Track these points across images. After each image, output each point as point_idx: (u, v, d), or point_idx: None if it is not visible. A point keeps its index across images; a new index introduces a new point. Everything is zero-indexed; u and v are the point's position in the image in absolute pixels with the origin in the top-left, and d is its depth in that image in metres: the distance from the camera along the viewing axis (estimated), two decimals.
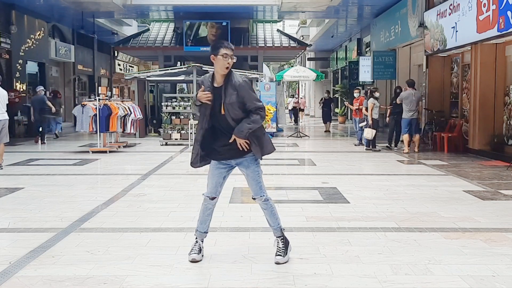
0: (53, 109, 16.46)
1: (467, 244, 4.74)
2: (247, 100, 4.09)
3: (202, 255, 4.31)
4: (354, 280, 3.82)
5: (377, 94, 13.21)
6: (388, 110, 13.89)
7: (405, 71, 18.22)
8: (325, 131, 20.06)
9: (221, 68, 4.07)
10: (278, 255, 4.24)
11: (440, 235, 5.05)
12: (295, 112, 24.30)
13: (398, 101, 12.50)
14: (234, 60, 4.12)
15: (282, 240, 4.31)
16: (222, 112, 4.09)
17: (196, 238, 4.36)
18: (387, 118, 13.40)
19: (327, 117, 20.70)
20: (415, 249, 4.59)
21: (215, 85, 4.14)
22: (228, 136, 4.12)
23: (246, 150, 4.13)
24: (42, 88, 16.76)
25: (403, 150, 12.48)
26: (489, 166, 10.18)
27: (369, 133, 12.86)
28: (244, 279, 3.86)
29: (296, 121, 23.76)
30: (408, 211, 6.10)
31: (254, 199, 4.32)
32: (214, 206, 4.39)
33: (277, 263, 4.18)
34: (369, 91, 13.95)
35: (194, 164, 4.34)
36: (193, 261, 4.21)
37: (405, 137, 12.44)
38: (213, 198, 4.34)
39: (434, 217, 5.80)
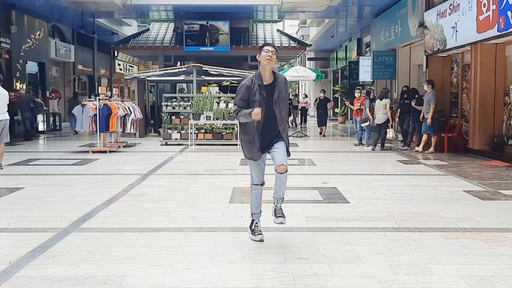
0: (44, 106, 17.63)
1: (467, 244, 4.74)
2: (286, 99, 4.71)
3: None
4: (354, 280, 3.82)
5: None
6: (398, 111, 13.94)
7: (405, 71, 18.22)
8: (320, 134, 18.30)
9: (263, 59, 4.52)
10: (280, 216, 4.79)
11: (440, 235, 5.05)
12: (303, 112, 23.26)
13: (434, 105, 12.19)
14: (276, 57, 4.56)
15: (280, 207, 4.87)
16: (274, 107, 4.62)
17: (254, 220, 4.88)
18: (397, 119, 13.41)
19: (322, 120, 18.56)
20: (415, 249, 4.59)
21: (264, 83, 4.61)
22: (275, 129, 4.67)
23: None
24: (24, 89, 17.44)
25: (424, 149, 12.49)
26: (489, 166, 10.18)
27: (391, 133, 12.98)
28: (244, 279, 3.86)
29: (304, 121, 23.27)
30: (408, 211, 6.10)
31: (278, 170, 4.66)
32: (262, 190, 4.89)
33: (281, 223, 4.80)
34: (381, 92, 13.93)
35: (256, 157, 4.72)
36: (261, 240, 4.74)
37: (433, 137, 12.42)
38: (262, 184, 4.85)
39: (434, 217, 5.80)
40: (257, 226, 4.87)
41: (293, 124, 22.18)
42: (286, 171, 4.67)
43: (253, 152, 4.68)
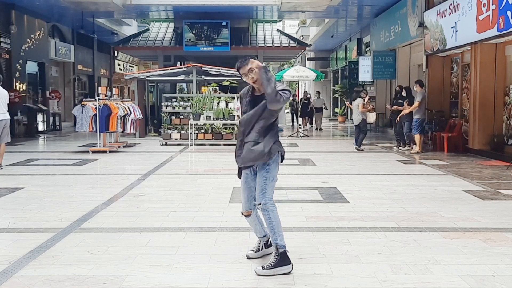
0: None
1: (467, 244, 4.74)
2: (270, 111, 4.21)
3: (262, 255, 4.34)
4: (354, 280, 3.82)
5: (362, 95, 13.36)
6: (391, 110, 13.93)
7: (405, 71, 18.23)
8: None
9: (250, 82, 4.17)
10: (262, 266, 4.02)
11: (440, 235, 5.05)
12: (311, 112, 21.90)
13: (418, 102, 12.19)
14: (255, 73, 4.04)
15: (276, 256, 4.03)
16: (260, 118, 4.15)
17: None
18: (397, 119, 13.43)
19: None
20: (415, 249, 4.59)
21: (256, 94, 4.19)
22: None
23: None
24: None
25: (412, 149, 12.46)
26: (489, 166, 10.18)
27: (372, 118, 13.31)
28: (244, 279, 3.86)
29: (310, 122, 22.13)
30: (408, 211, 6.10)
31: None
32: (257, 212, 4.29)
33: (257, 274, 3.96)
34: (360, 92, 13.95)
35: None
36: (247, 257, 4.32)
37: (417, 137, 12.38)
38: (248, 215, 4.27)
39: (434, 217, 5.80)
40: (258, 243, 4.40)
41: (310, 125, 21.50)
42: (261, 205, 4.07)
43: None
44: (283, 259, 3.97)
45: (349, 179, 8.52)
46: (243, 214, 4.28)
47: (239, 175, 4.32)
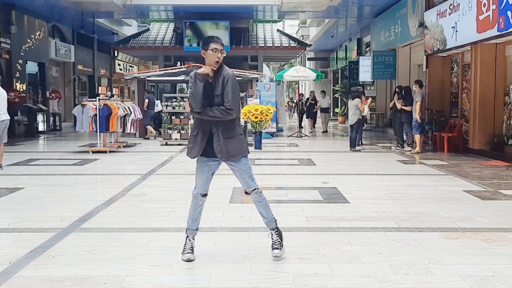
0: None
1: (467, 244, 4.73)
2: (226, 95, 4.09)
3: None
4: (354, 280, 3.82)
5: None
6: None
7: (405, 71, 18.24)
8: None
9: (211, 62, 4.10)
10: (275, 248, 4.28)
11: (440, 235, 5.05)
12: (316, 113, 21.03)
13: (419, 102, 12.15)
14: (224, 55, 4.16)
15: (277, 232, 4.37)
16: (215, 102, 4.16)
17: (188, 237, 4.36)
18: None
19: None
20: (415, 249, 4.59)
21: (209, 80, 4.15)
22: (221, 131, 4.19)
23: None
24: None
25: (412, 150, 12.46)
26: (489, 166, 10.18)
27: (366, 109, 13.51)
28: (244, 279, 3.86)
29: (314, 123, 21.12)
30: (408, 211, 6.10)
31: (247, 193, 4.36)
32: (204, 203, 4.44)
33: (276, 257, 4.23)
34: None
35: (192, 155, 4.27)
36: (188, 260, 4.21)
37: (417, 137, 12.38)
38: (204, 195, 4.38)
39: (434, 217, 5.80)
40: (188, 243, 4.28)
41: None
42: (256, 190, 4.29)
43: (196, 149, 4.21)
44: (279, 230, 4.40)
45: (349, 179, 8.51)
46: (202, 195, 4.36)
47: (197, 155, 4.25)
